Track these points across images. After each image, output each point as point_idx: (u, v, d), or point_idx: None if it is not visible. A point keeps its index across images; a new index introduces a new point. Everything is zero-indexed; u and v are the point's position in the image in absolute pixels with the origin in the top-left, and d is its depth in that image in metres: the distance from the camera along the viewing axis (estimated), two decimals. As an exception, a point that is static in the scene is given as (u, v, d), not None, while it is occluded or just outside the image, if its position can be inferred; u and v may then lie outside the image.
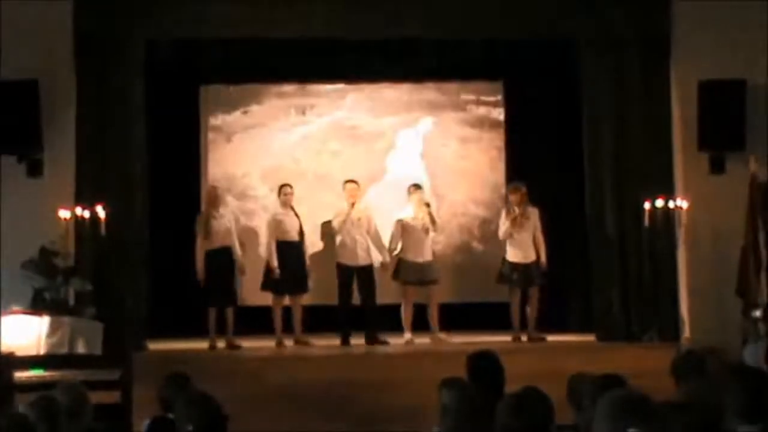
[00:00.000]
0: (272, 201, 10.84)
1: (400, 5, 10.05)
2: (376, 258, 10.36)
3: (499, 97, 11.62)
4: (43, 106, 9.50)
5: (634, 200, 10.11)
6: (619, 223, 10.25)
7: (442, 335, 10.17)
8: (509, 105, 11.63)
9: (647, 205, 9.88)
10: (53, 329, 8.64)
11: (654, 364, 6.77)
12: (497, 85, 11.67)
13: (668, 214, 9.94)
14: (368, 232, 10.30)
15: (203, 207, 10.45)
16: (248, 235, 10.84)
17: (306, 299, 10.33)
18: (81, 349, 8.68)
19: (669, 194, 9.99)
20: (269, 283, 10.20)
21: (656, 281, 10.11)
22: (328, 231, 10.54)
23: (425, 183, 11.04)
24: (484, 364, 5.09)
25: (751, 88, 9.91)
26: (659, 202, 9.89)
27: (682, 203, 9.93)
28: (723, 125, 9.88)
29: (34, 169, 9.64)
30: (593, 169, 10.37)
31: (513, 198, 10.25)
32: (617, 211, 10.25)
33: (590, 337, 10.26)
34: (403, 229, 10.27)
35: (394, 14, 10.01)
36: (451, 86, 11.61)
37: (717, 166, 10.07)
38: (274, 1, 9.99)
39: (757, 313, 9.08)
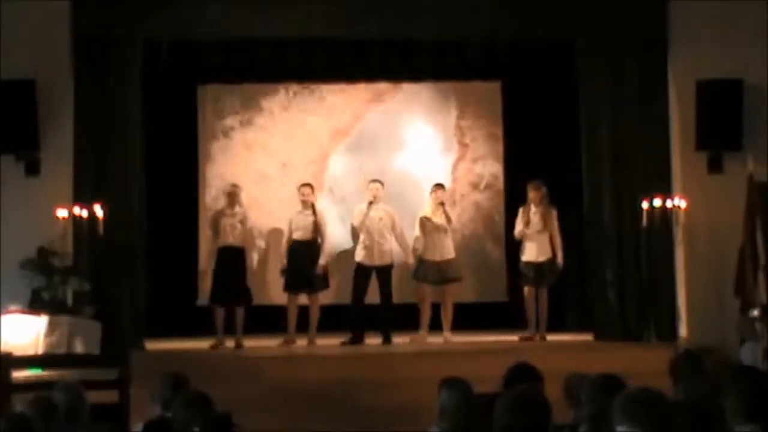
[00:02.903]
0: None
1: (400, 5, 10.04)
2: (400, 258, 10.25)
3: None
4: (41, 105, 9.49)
5: (632, 199, 10.12)
6: (617, 223, 10.26)
7: (448, 335, 10.16)
8: (507, 105, 11.63)
9: (645, 205, 9.89)
10: (51, 329, 8.65)
11: (652, 364, 6.78)
12: (496, 85, 11.69)
13: (666, 213, 9.94)
14: (393, 233, 10.19)
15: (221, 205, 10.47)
16: (273, 235, 10.84)
17: (326, 298, 10.28)
18: (79, 348, 8.69)
19: (667, 194, 10.00)
20: (285, 281, 10.19)
21: (654, 280, 10.11)
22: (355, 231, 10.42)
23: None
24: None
25: (748, 87, 9.92)
26: (657, 202, 9.90)
27: (680, 203, 9.94)
28: (721, 125, 9.89)
29: (32, 168, 9.63)
30: (591, 169, 10.37)
31: (532, 196, 10.21)
32: (615, 211, 10.26)
33: (588, 337, 10.27)
34: (424, 227, 10.22)
35: (394, 14, 10.00)
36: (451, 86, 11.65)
37: (715, 166, 10.08)
38: (273, 1, 9.99)
39: (755, 313, 9.07)
